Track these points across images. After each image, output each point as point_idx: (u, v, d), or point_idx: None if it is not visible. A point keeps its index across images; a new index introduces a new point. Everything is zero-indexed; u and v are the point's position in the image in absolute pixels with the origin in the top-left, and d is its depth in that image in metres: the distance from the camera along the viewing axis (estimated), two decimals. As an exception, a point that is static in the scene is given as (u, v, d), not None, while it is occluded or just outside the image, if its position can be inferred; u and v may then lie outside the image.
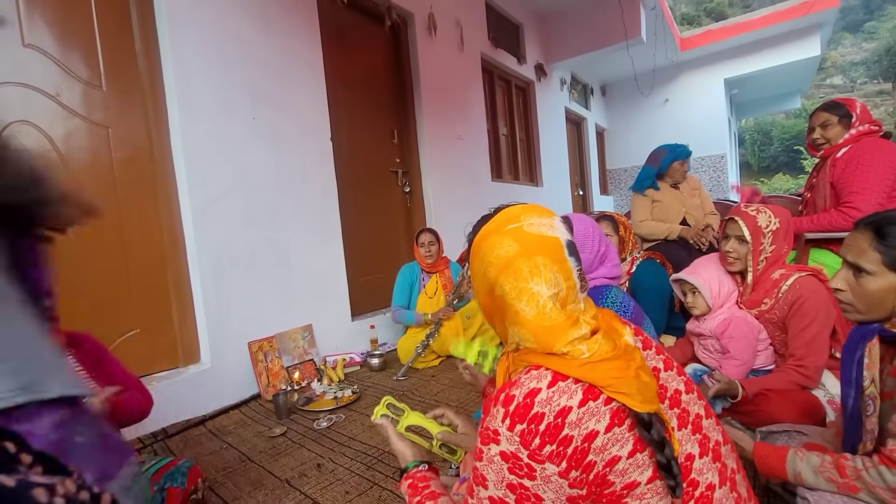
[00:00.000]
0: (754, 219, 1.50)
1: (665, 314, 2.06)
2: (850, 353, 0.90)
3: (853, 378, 0.88)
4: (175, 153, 2.13)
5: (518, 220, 0.65)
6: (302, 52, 2.72)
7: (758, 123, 24.61)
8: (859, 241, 0.87)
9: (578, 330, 0.60)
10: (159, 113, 2.11)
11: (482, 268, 0.66)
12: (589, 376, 0.56)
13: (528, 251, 0.62)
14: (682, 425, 0.62)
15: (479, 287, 0.68)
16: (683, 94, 8.65)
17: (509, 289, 0.63)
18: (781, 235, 1.49)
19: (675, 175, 2.76)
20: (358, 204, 3.19)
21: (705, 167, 8.56)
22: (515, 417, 0.56)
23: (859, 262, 0.86)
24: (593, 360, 0.57)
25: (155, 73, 2.10)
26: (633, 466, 0.56)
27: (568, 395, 0.56)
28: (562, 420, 0.54)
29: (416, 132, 3.74)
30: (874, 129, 1.93)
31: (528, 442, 0.55)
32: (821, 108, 2.05)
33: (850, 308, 0.89)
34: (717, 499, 0.60)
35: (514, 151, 5.45)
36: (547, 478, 0.55)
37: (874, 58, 24.51)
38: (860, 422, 0.87)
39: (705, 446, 0.62)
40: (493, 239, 0.65)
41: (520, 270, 0.62)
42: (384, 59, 3.59)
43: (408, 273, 2.84)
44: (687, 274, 1.66)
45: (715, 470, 0.61)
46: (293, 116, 2.64)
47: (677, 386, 0.65)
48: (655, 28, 6.52)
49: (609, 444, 0.55)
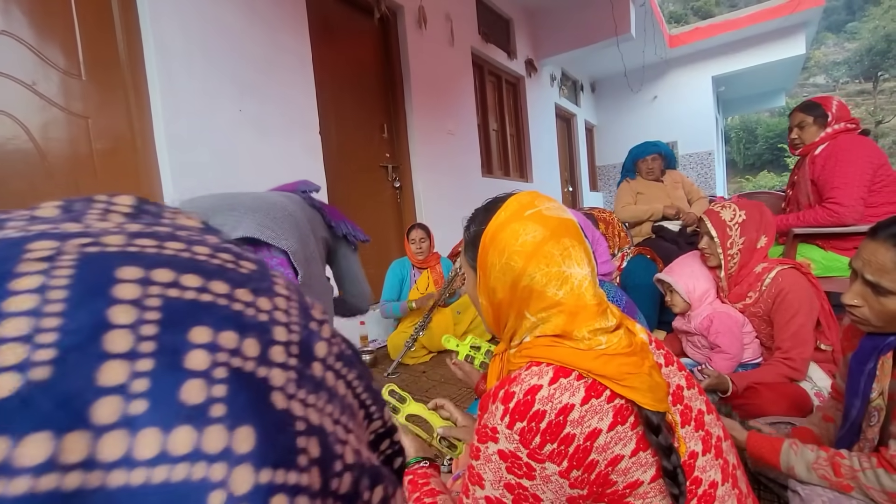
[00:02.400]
0: (717, 213, 1.55)
1: (656, 309, 2.07)
2: (861, 363, 0.86)
3: (861, 389, 0.85)
4: (158, 145, 2.07)
5: (534, 205, 0.62)
6: (289, 43, 2.67)
7: (743, 121, 24.99)
8: (881, 257, 0.80)
9: (605, 320, 0.59)
10: (142, 104, 2.04)
11: (503, 259, 0.60)
12: (603, 369, 0.54)
13: (555, 234, 0.59)
14: (685, 422, 0.60)
15: (497, 281, 0.61)
16: (672, 92, 8.71)
17: (540, 276, 0.58)
18: (751, 226, 1.51)
19: (645, 172, 2.82)
20: (347, 199, 3.15)
21: (693, 164, 8.65)
22: (515, 415, 0.54)
23: (881, 282, 0.80)
24: (609, 352, 0.56)
25: (137, 63, 2.04)
26: (635, 465, 0.54)
27: (570, 392, 0.54)
28: (563, 418, 0.53)
29: (406, 127, 3.70)
30: (851, 127, 1.96)
31: (528, 441, 0.53)
32: (797, 109, 2.09)
33: (864, 322, 0.86)
34: (720, 496, 0.59)
35: (505, 147, 5.44)
36: (547, 477, 0.53)
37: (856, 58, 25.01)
38: (860, 430, 0.86)
39: (708, 443, 0.61)
40: (514, 226, 0.60)
41: (551, 255, 0.58)
42: (373, 52, 3.55)
43: (398, 269, 2.81)
44: (663, 274, 1.69)
45: (717, 467, 0.60)
46: (280, 109, 2.58)
47: (679, 381, 0.64)
48: (645, 24, 6.54)
49: (612, 442, 0.53)
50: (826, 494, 0.82)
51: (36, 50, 1.78)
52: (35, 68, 1.78)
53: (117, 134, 2.00)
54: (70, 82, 1.88)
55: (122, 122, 2.02)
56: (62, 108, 1.85)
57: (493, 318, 0.67)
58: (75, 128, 1.88)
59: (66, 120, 1.86)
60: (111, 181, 1.96)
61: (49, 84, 1.81)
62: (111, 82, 1.99)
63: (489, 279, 0.63)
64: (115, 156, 1.99)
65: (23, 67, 1.75)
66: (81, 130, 1.90)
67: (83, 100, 1.91)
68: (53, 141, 1.82)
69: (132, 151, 2.03)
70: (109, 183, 1.96)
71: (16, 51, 1.73)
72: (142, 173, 2.05)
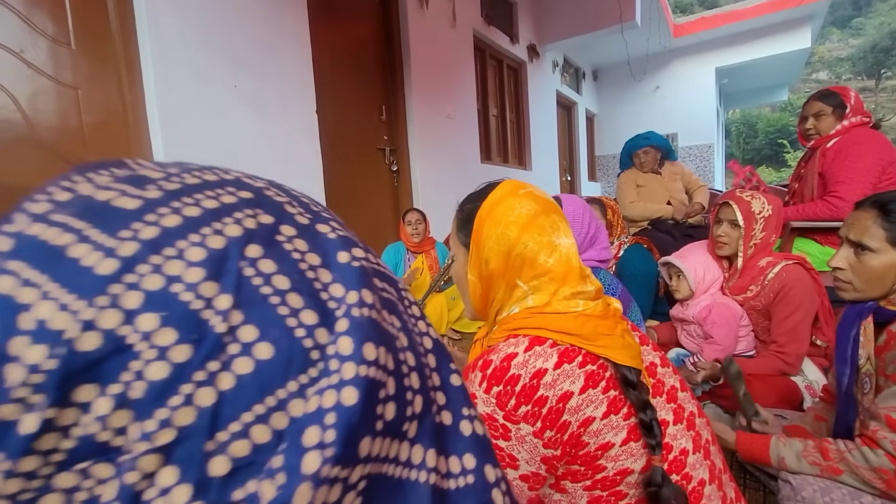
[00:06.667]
0: (748, 204, 1.50)
1: (651, 299, 2.07)
2: (846, 330, 0.91)
3: (848, 356, 0.90)
4: (151, 119, 2.02)
5: (525, 186, 0.69)
6: (286, 19, 2.60)
7: (744, 115, 24.86)
8: (863, 219, 0.88)
9: (585, 285, 0.64)
10: (133, 76, 1.99)
11: (498, 229, 0.65)
12: (580, 329, 0.58)
13: (545, 210, 0.66)
14: (656, 393, 0.64)
15: (491, 251, 0.65)
16: (674, 82, 8.63)
17: (533, 244, 0.63)
18: (772, 223, 1.50)
19: (639, 165, 2.82)
20: (343, 181, 3.11)
21: (692, 156, 8.61)
22: (492, 380, 0.57)
23: (863, 239, 0.87)
24: (585, 314, 0.60)
25: (128, 33, 1.98)
26: (607, 427, 0.57)
27: (544, 357, 0.57)
28: (537, 381, 0.56)
29: (405, 109, 3.64)
30: (865, 121, 1.92)
31: (503, 403, 0.56)
32: (815, 98, 2.01)
33: (847, 287, 0.91)
34: (691, 463, 0.61)
35: (504, 133, 5.38)
36: (522, 438, 0.56)
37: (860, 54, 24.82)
38: (854, 400, 0.88)
39: (679, 415, 0.64)
40: (510, 201, 0.66)
41: (543, 226, 0.64)
42: (373, 31, 3.47)
43: (392, 253, 2.80)
44: (675, 257, 1.66)
45: (689, 437, 0.63)
46: (277, 86, 2.53)
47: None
48: (650, 12, 6.44)
49: (583, 405, 0.56)
50: (817, 483, 0.82)
51: (23, 16, 1.72)
52: (23, 35, 1.72)
53: (108, 106, 1.95)
54: (59, 51, 1.82)
55: (114, 95, 1.96)
56: (51, 78, 1.80)
57: (481, 293, 0.69)
58: (65, 98, 1.83)
59: (55, 90, 1.81)
60: (101, 154, 1.92)
61: (37, 52, 1.76)
62: (102, 53, 1.93)
63: (483, 250, 0.66)
64: (106, 129, 1.94)
65: (10, 34, 1.69)
66: (71, 101, 1.85)
67: (73, 70, 1.85)
68: (42, 112, 1.78)
69: (123, 125, 1.99)
70: (100, 157, 1.91)
71: (2, 16, 1.67)
72: (133, 147, 2.00)
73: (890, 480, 0.76)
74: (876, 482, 0.77)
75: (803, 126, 2.06)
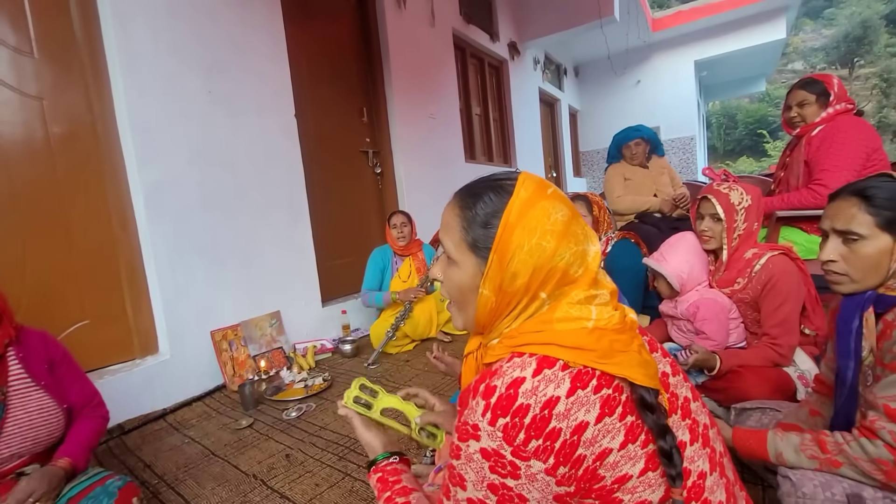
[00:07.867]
0: (727, 196, 1.49)
1: (641, 294, 2.06)
2: (847, 323, 0.87)
3: (851, 349, 0.86)
4: (121, 128, 1.95)
5: (549, 184, 0.61)
6: (261, 21, 2.54)
7: (724, 107, 25.23)
8: (845, 208, 0.85)
9: (598, 288, 0.58)
10: (101, 84, 1.92)
11: (533, 239, 0.55)
12: (595, 345, 0.52)
13: (574, 213, 0.59)
14: (671, 411, 0.58)
15: (523, 264, 0.55)
16: (655, 76, 8.71)
17: (569, 255, 0.56)
18: (753, 212, 1.49)
19: (629, 157, 2.83)
20: (326, 185, 3.05)
21: (675, 149, 8.69)
22: (497, 410, 0.50)
23: (851, 227, 0.84)
24: (600, 327, 0.54)
25: (94, 40, 1.91)
26: (624, 459, 0.51)
27: (555, 384, 0.50)
28: (549, 412, 0.49)
29: (386, 111, 3.60)
30: (849, 108, 1.93)
31: (511, 437, 0.49)
32: (798, 86, 2.01)
33: (843, 279, 0.87)
34: (709, 486, 0.56)
35: (488, 132, 5.36)
36: (532, 476, 0.50)
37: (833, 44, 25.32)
38: (857, 393, 0.86)
39: (695, 432, 0.58)
40: (544, 204, 0.57)
41: (577, 235, 0.57)
42: (351, 32, 3.42)
43: (379, 256, 2.75)
44: (653, 260, 1.65)
45: (705, 456, 0.58)
46: (253, 91, 2.47)
47: (664, 368, 0.61)
48: (629, 6, 6.48)
49: (599, 435, 0.50)
50: (818, 478, 0.80)
51: (-20, 24, 1.65)
52: (-20, 44, 1.65)
53: (75, 117, 1.88)
54: (21, 60, 1.75)
55: (81, 104, 1.89)
56: (13, 89, 1.72)
57: (494, 308, 0.59)
58: (28, 110, 1.76)
59: (18, 101, 1.74)
60: (71, 168, 1.85)
61: (-3, 62, 1.69)
62: (66, 60, 1.86)
63: (511, 263, 0.56)
64: (74, 140, 1.87)
65: (-34, 43, 1.62)
66: (35, 113, 1.78)
67: (36, 79, 1.78)
68: (5, 124, 1.70)
69: (93, 136, 1.92)
70: (69, 170, 1.84)
71: (-43, 25, 1.60)
72: (104, 160, 1.93)
73: (889, 471, 0.74)
74: (875, 474, 0.75)
75: (788, 114, 2.05)
